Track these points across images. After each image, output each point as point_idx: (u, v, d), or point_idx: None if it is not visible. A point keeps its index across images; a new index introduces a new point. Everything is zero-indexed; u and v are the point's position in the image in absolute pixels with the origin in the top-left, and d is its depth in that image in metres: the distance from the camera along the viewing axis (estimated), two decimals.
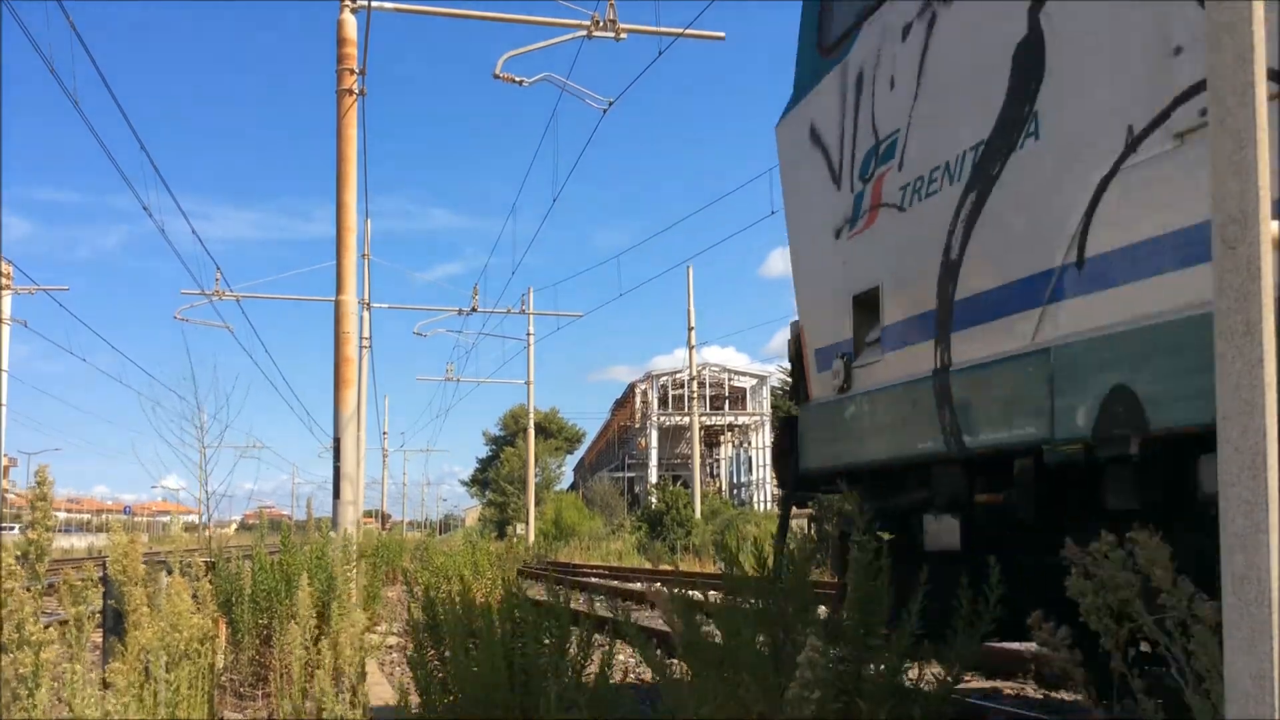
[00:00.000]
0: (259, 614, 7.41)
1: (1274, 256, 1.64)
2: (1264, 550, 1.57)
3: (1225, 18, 1.69)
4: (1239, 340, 1.64)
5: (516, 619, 3.82)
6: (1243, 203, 1.66)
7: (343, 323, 13.41)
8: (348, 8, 13.46)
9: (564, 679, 3.58)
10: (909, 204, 4.63)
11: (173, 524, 15.79)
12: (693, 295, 36.89)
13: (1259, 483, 1.59)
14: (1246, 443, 1.61)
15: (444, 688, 3.88)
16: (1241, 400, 1.62)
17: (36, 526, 2.87)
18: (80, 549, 48.58)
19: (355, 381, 13.50)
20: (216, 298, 27.12)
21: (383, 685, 7.54)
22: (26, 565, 2.88)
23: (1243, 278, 1.65)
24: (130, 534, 4.05)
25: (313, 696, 3.70)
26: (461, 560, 13.07)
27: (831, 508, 6.09)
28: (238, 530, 59.87)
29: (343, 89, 13.43)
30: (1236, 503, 1.62)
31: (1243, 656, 1.60)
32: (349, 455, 13.18)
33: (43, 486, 2.90)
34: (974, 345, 4.08)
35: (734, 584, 3.12)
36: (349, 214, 13.47)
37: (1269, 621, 1.56)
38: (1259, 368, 1.61)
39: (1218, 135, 1.70)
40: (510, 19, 14.84)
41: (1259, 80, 1.66)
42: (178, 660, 3.87)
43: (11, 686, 2.82)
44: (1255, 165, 1.65)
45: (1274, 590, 1.56)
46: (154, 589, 4.11)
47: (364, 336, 28.58)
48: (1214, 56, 1.71)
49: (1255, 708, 1.58)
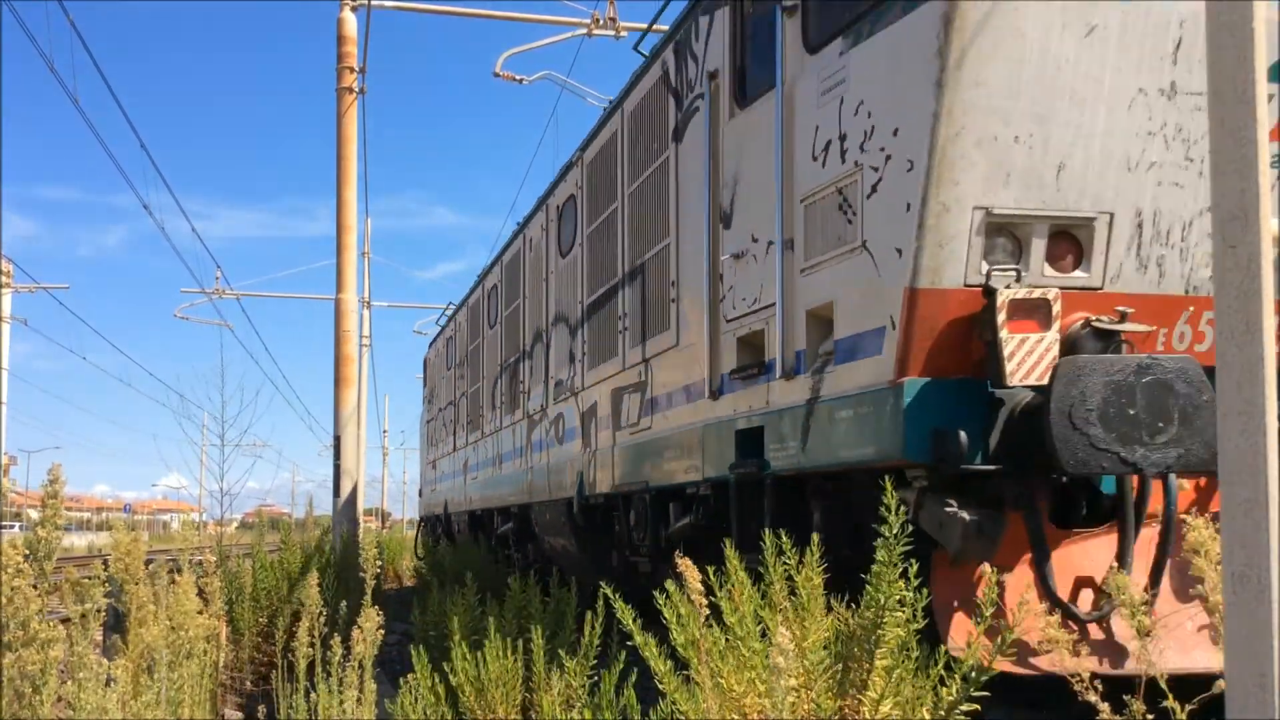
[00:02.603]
0: (259, 612, 7.44)
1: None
2: (1264, 549, 1.58)
3: (1226, 18, 1.69)
4: (1239, 339, 1.65)
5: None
6: (1243, 201, 1.66)
7: (343, 321, 13.42)
8: (348, 6, 13.45)
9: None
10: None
11: (181, 523, 16.00)
12: None
13: (1259, 482, 1.59)
14: (1247, 441, 1.61)
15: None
16: (1242, 398, 1.63)
17: (46, 524, 2.87)
18: (80, 547, 48.55)
19: (355, 380, 13.51)
20: (217, 296, 27.12)
21: (385, 684, 7.54)
22: (35, 563, 2.89)
23: (1243, 276, 1.65)
24: (133, 533, 4.05)
25: (317, 694, 3.72)
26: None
27: None
28: (238, 528, 59.80)
29: (343, 87, 13.42)
30: (1237, 501, 1.63)
31: (1243, 656, 1.61)
32: (349, 453, 13.19)
33: (54, 484, 2.90)
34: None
35: None
36: (349, 212, 13.47)
37: (1269, 620, 1.57)
38: (1259, 366, 1.62)
39: (1218, 134, 1.71)
40: (510, 17, 14.85)
41: (1259, 80, 1.67)
42: (181, 659, 3.88)
43: (16, 685, 2.82)
44: (1255, 164, 1.66)
45: (1274, 589, 1.57)
46: (160, 586, 4.11)
47: (364, 335, 28.56)
48: (1214, 56, 1.71)
49: (1255, 708, 1.58)
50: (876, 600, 2.79)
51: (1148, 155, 4.41)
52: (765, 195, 5.49)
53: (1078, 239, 4.46)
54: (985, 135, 4.22)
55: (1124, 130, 4.37)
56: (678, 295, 6.74)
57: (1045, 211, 4.34)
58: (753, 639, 2.86)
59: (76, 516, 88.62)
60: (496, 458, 12.82)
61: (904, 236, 4.33)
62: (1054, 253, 4.42)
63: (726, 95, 6.08)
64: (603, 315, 8.45)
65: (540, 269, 10.60)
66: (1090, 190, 4.37)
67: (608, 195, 8.37)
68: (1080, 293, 4.42)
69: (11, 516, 51.10)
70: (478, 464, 14.23)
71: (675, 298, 6.78)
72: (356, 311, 13.92)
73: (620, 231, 7.99)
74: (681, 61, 6.77)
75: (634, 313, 7.65)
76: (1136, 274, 4.50)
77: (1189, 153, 4.46)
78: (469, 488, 14.89)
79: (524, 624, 5.01)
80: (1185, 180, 4.46)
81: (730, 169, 6.02)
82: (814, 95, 5.08)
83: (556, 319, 9.94)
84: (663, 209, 7.04)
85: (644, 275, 7.43)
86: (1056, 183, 4.32)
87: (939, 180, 4.23)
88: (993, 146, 4.22)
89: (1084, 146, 4.33)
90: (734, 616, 2.90)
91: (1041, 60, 4.24)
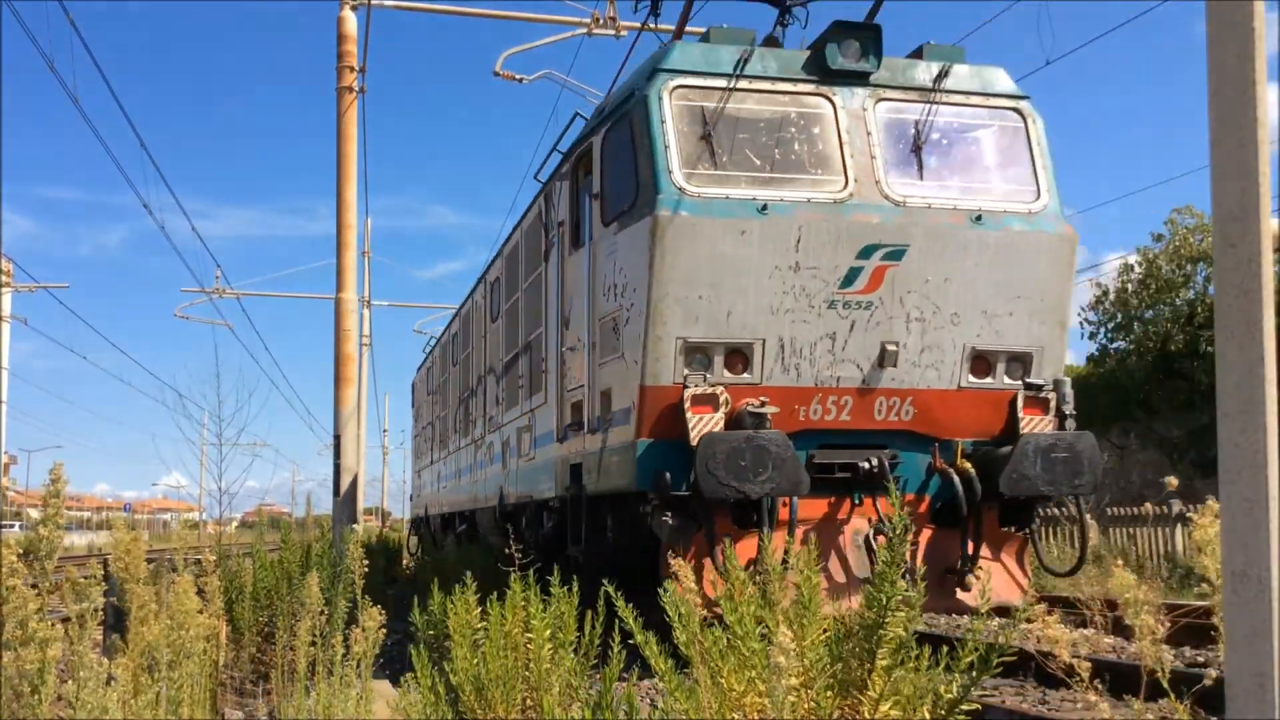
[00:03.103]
0: (260, 611, 7.43)
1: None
2: (1264, 548, 1.58)
3: (1226, 17, 1.69)
4: (1239, 338, 1.64)
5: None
6: (1243, 200, 1.66)
7: (343, 320, 13.42)
8: (348, 5, 13.45)
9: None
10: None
11: (180, 522, 16.36)
12: None
13: (1259, 480, 1.59)
14: (1247, 440, 1.61)
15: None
16: (1242, 398, 1.63)
17: (47, 523, 2.87)
18: (80, 546, 48.54)
19: (355, 379, 13.52)
20: (217, 295, 27.12)
21: (385, 683, 7.54)
22: (35, 562, 2.89)
23: (1243, 275, 1.65)
24: (132, 532, 4.05)
25: (318, 694, 3.71)
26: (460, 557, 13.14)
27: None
28: (238, 528, 59.76)
29: (343, 86, 13.43)
30: (1237, 500, 1.62)
31: (1243, 654, 1.61)
32: (349, 452, 13.20)
33: (56, 484, 2.90)
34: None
35: None
36: (349, 211, 13.47)
37: (1269, 619, 1.56)
38: (1259, 365, 1.62)
39: (1218, 133, 1.70)
40: (511, 16, 14.85)
41: (1260, 79, 1.67)
42: (181, 658, 3.88)
43: (14, 684, 2.82)
44: (1256, 163, 1.66)
45: (1274, 588, 1.56)
46: (160, 585, 4.11)
47: (364, 334, 28.57)
48: (1215, 55, 1.71)
49: (1255, 707, 1.58)
50: (878, 600, 2.79)
51: (784, 305, 7.08)
52: (582, 312, 8.09)
53: (744, 354, 7.16)
54: (680, 296, 6.93)
55: (767, 290, 7.03)
56: (546, 368, 9.37)
57: (722, 339, 7.08)
58: (752, 639, 2.86)
59: (77, 516, 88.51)
60: (457, 471, 16.02)
61: (639, 353, 7.04)
62: (729, 363, 7.15)
63: (568, 239, 8.72)
64: (513, 372, 11.18)
65: (481, 327, 13.63)
66: (749, 326, 7.07)
67: (513, 285, 11.23)
68: (747, 386, 7.13)
69: (12, 516, 51.05)
70: (446, 476, 17.61)
71: (545, 370, 9.43)
72: (356, 311, 13.92)
73: (519, 314, 10.79)
74: (549, 206, 9.40)
75: (526, 375, 10.42)
76: (782, 374, 7.19)
77: (810, 303, 7.11)
78: (441, 494, 18.44)
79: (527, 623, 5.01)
80: (809, 319, 7.14)
81: (569, 289, 8.65)
82: (605, 253, 7.68)
83: (489, 369, 12.82)
84: (539, 306, 9.71)
85: (531, 350, 10.19)
86: (727, 322, 7.03)
87: (654, 322, 6.94)
88: (685, 302, 6.94)
89: (743, 301, 7.01)
90: (734, 616, 2.91)
91: (712, 251, 6.92)
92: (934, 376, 7.42)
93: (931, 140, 7.70)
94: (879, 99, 7.64)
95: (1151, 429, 27.57)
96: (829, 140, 7.46)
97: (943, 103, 7.74)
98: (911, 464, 7.57)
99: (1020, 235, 7.47)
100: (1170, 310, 26.15)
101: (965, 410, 7.54)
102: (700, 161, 7.20)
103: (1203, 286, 25.56)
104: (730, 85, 7.30)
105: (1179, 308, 26.03)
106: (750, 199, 7.07)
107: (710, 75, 7.38)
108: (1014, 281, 7.44)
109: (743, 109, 7.41)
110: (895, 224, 7.19)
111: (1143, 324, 26.80)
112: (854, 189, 7.27)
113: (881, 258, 7.15)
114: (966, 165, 7.86)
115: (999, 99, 8.00)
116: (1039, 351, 7.63)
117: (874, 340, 7.23)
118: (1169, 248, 26.22)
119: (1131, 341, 27.23)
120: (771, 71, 7.51)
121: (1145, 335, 26.51)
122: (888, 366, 7.26)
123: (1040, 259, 7.51)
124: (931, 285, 7.26)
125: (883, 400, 7.39)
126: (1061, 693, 7.03)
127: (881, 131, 7.54)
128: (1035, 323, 7.55)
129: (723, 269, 6.91)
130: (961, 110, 7.88)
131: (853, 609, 2.87)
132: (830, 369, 7.20)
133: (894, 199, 7.33)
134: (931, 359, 7.39)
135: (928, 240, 7.22)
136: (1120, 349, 27.89)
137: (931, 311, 7.30)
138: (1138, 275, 26.87)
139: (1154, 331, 26.24)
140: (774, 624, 2.79)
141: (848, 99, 7.54)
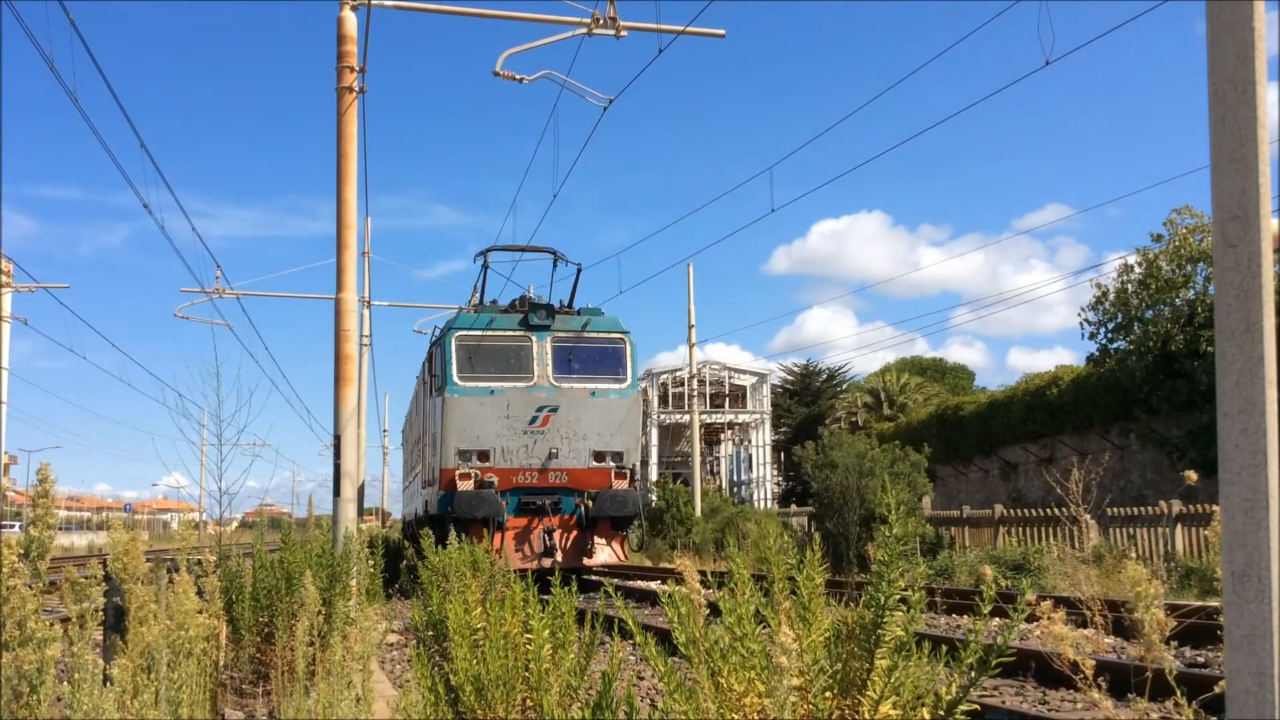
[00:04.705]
0: (259, 611, 7.41)
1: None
2: (1264, 548, 1.57)
3: (1226, 17, 1.69)
4: (1239, 338, 1.64)
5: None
6: (1243, 200, 1.66)
7: (343, 320, 13.42)
8: (348, 5, 13.45)
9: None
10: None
11: (180, 522, 16.85)
12: (693, 293, 36.82)
13: (1259, 480, 1.59)
14: (1247, 440, 1.61)
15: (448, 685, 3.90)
16: (1242, 398, 1.63)
17: (38, 524, 2.87)
18: (80, 547, 48.55)
19: (355, 379, 13.51)
20: (217, 295, 27.13)
21: (384, 684, 7.54)
22: (29, 563, 2.88)
23: (1243, 275, 1.65)
24: (131, 532, 4.05)
25: (318, 694, 3.71)
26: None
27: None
28: (238, 528, 59.78)
29: (343, 86, 13.42)
30: (1237, 500, 1.62)
31: (1243, 655, 1.60)
32: (349, 453, 13.19)
33: (44, 484, 2.90)
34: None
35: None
36: (349, 211, 13.47)
37: (1269, 619, 1.56)
38: (1259, 365, 1.61)
39: (1218, 132, 1.70)
40: (511, 16, 14.85)
41: (1260, 79, 1.66)
42: (180, 658, 3.87)
43: (13, 684, 2.82)
44: (1256, 163, 1.65)
45: (1274, 588, 1.56)
46: (160, 586, 4.11)
47: (364, 334, 28.59)
48: (1215, 55, 1.71)
49: (1255, 707, 1.58)
50: (876, 600, 2.79)
51: (502, 432, 16.89)
52: (433, 429, 18.06)
53: (486, 454, 16.97)
54: (456, 429, 16.84)
55: (495, 426, 16.88)
56: (424, 449, 20.41)
57: (474, 448, 16.87)
58: (751, 640, 2.85)
59: (77, 516, 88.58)
60: (419, 488, 23.50)
61: (441, 453, 17.01)
62: (480, 458, 16.94)
63: (434, 388, 17.67)
64: (422, 442, 20.85)
65: (422, 399, 21.36)
66: (486, 441, 16.85)
67: (420, 397, 21.64)
68: (486, 468, 17.16)
69: (12, 516, 51.07)
70: (414, 491, 25.33)
71: (424, 449, 20.30)
72: (357, 310, 13.91)
73: (424, 414, 20.16)
74: (431, 358, 18.46)
75: (426, 446, 19.84)
76: (503, 463, 17.39)
77: (515, 431, 16.88)
78: (414, 504, 26.02)
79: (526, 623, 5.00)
80: (515, 438, 16.96)
81: (429, 415, 18.76)
82: (432, 407, 17.92)
83: (424, 429, 20.49)
84: (425, 415, 19.97)
85: (424, 436, 20.39)
86: (477, 440, 16.84)
87: (446, 441, 16.87)
88: (460, 435, 16.83)
89: (484, 431, 16.86)
90: (733, 616, 2.90)
91: (470, 411, 16.88)
92: (575, 461, 16.99)
93: (577, 355, 17.36)
94: (553, 337, 17.27)
95: (1151, 429, 27.55)
96: (527, 358, 17.16)
97: (584, 339, 17.49)
98: (568, 502, 17.00)
99: (614, 400, 17.26)
100: (1170, 310, 26.13)
101: (590, 478, 17.02)
102: (467, 369, 16.96)
103: (1203, 286, 25.55)
104: (483, 334, 17.20)
105: (1179, 308, 26.01)
106: (488, 387, 16.90)
107: (475, 329, 17.25)
108: (611, 420, 17.18)
109: (486, 344, 17.18)
110: (554, 396, 16.98)
111: (1143, 324, 26.77)
112: (536, 380, 17.04)
113: (548, 410, 16.98)
114: (592, 367, 17.39)
115: (613, 334, 17.64)
116: (626, 451, 17.28)
117: (545, 447, 16.90)
118: (1169, 248, 26.21)
119: (1131, 341, 27.20)
120: (502, 326, 17.29)
121: (1145, 335, 26.48)
122: (553, 458, 16.88)
123: (623, 409, 17.32)
124: (572, 422, 17.00)
125: (553, 474, 16.90)
126: (1061, 693, 7.02)
127: (552, 353, 17.20)
128: (620, 437, 17.24)
129: (475, 418, 16.78)
130: (593, 340, 17.52)
131: (547, 566, 6.10)
132: (526, 460, 16.87)
133: (555, 384, 17.05)
134: (574, 454, 16.99)
135: (569, 403, 17.00)
136: (1120, 349, 27.86)
137: (573, 434, 17.00)
138: (1138, 275, 26.86)
139: (1154, 331, 26.21)
140: (775, 624, 2.79)
141: (540, 338, 17.21)
